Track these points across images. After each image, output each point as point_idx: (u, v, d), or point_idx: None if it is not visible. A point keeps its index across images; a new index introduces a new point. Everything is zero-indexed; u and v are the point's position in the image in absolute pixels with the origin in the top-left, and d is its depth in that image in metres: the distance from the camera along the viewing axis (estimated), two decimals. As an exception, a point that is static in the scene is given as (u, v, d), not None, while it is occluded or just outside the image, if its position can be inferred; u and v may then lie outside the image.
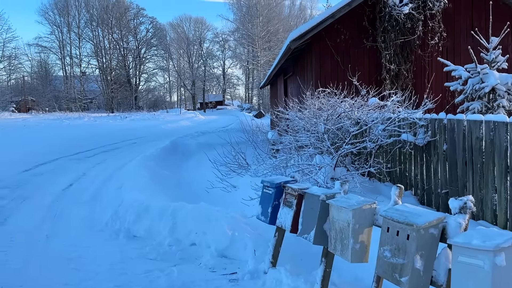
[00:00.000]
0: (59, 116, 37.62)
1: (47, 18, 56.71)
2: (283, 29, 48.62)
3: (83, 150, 13.85)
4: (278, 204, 3.34)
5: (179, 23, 71.92)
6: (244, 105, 59.59)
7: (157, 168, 9.47)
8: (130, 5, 59.55)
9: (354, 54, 10.14)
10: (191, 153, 13.40)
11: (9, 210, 5.73)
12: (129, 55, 60.51)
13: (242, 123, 28.54)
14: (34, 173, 9.07)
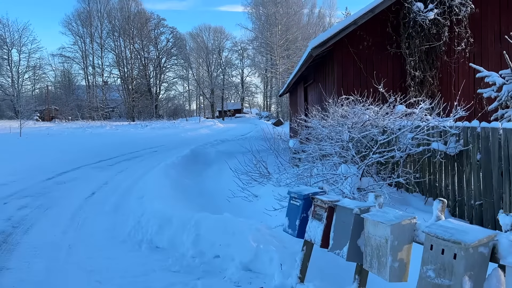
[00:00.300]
0: (82, 125, 38.34)
1: (70, 29, 58.31)
2: (302, 37, 48.56)
3: (105, 159, 13.98)
4: (307, 216, 3.20)
5: (199, 33, 72.89)
6: (263, 113, 59.64)
7: (178, 177, 9.44)
8: (151, 15, 60.70)
9: (377, 60, 9.93)
10: (211, 161, 13.35)
11: (32, 219, 5.75)
12: (150, 65, 61.53)
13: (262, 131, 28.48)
14: (57, 182, 9.15)
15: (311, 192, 3.26)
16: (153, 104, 59.50)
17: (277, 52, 46.11)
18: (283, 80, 46.96)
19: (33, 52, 55.09)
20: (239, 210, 6.95)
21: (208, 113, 77.00)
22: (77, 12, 58.20)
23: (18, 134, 24.58)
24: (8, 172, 10.47)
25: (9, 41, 53.13)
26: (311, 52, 9.44)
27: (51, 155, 14.25)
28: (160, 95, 63.93)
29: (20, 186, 8.54)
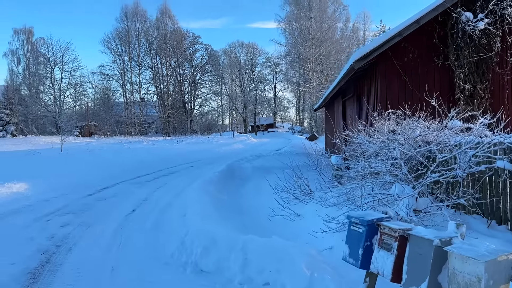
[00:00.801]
0: (120, 140, 39.33)
1: (109, 47, 60.57)
2: (335, 51, 48.18)
3: (143, 174, 14.08)
4: (371, 245, 2.89)
5: (232, 49, 73.95)
6: (296, 128, 59.24)
7: (216, 193, 9.28)
8: (187, 33, 62.17)
9: (423, 73, 9.50)
10: (247, 177, 13.14)
11: (75, 238, 5.70)
12: (185, 81, 62.80)
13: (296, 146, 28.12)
14: (97, 198, 9.20)
15: (376, 217, 2.95)
16: (187, 119, 60.47)
17: (311, 67, 45.85)
18: (317, 94, 46.52)
19: (74, 70, 57.58)
20: (282, 230, 6.66)
21: (240, 128, 77.45)
22: (116, 31, 60.53)
23: (59, 150, 25.42)
24: (50, 188, 10.68)
25: (52, 60, 55.82)
26: (353, 65, 9.14)
27: (91, 170, 14.52)
28: (195, 110, 64.94)
29: (62, 202, 8.63)
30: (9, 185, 9.93)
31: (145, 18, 61.20)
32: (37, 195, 9.66)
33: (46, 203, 8.59)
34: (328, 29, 48.95)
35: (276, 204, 8.00)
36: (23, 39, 58.24)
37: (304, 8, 48.40)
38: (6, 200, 8.74)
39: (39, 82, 56.93)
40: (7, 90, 50.06)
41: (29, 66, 57.58)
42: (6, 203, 8.42)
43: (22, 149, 29.31)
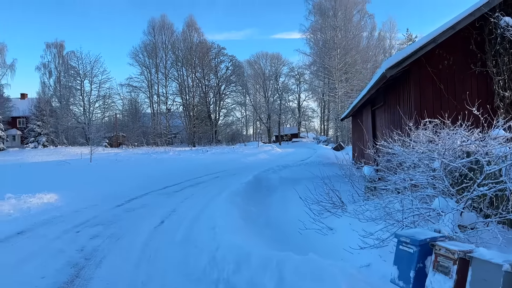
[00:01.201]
0: (147, 151, 39.91)
1: (137, 60, 62.00)
2: (361, 60, 47.62)
3: (170, 184, 14.08)
4: (423, 267, 2.64)
5: (256, 60, 74.48)
6: (321, 138, 58.65)
7: (244, 205, 9.11)
8: (212, 45, 63.00)
9: (459, 80, 9.10)
10: (275, 188, 12.92)
11: (104, 251, 5.62)
12: (210, 92, 63.46)
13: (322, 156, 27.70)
14: (126, 209, 9.19)
15: (429, 237, 2.69)
16: (212, 129, 60.92)
17: (336, 76, 45.44)
18: (342, 103, 45.98)
19: (103, 83, 59.17)
20: (314, 244, 6.40)
21: (264, 138, 77.45)
22: (143, 44, 61.97)
23: (88, 160, 25.95)
24: (80, 198, 10.77)
25: (82, 72, 57.59)
26: (385, 73, 8.86)
27: (120, 181, 14.64)
28: (219, 121, 65.45)
29: (91, 213, 8.66)
30: (40, 195, 10.07)
31: (171, 31, 62.51)
32: (67, 205, 9.74)
33: (76, 214, 8.64)
34: (354, 38, 48.51)
35: (306, 217, 7.75)
36: (54, 53, 60.41)
37: (329, 17, 48.21)
38: (37, 211, 8.84)
39: (70, 94, 58.75)
40: (39, 102, 51.82)
41: (60, 78, 59.55)
42: (37, 214, 8.50)
43: (53, 159, 30.11)
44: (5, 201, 8.98)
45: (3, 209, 8.34)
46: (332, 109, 57.84)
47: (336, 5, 46.94)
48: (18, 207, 8.74)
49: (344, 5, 47.36)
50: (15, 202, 9.03)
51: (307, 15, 54.36)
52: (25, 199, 9.50)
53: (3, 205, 8.56)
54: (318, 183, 13.21)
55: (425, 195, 5.40)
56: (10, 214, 8.20)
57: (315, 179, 14.16)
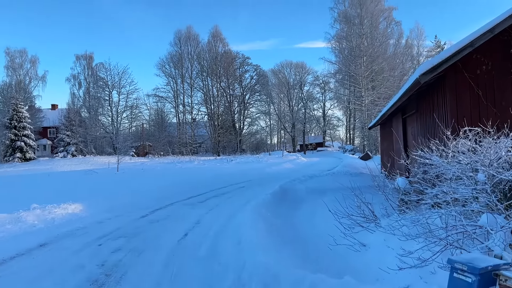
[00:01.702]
0: (172, 160, 40.18)
1: (164, 71, 63.05)
2: (388, 68, 46.67)
3: (195, 195, 13.90)
4: (486, 300, 2.23)
5: (280, 69, 74.46)
6: (347, 147, 57.64)
7: (270, 217, 8.76)
8: (237, 55, 63.41)
9: (499, 86, 8.52)
10: (301, 199, 12.52)
11: (126, 266, 5.40)
12: (235, 101, 63.69)
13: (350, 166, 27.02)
14: (150, 220, 9.01)
15: (491, 264, 2.29)
16: (237, 139, 60.97)
17: (362, 84, 44.66)
18: (369, 112, 45.07)
19: (130, 93, 60.44)
20: (346, 262, 5.99)
21: (289, 147, 76.94)
22: (170, 55, 63.01)
23: (115, 169, 26.24)
24: (105, 209, 10.70)
25: (110, 83, 58.93)
26: (419, 79, 8.39)
27: (145, 191, 14.58)
28: (244, 130, 65.46)
29: (115, 224, 8.51)
30: (64, 206, 10.04)
31: (197, 41, 63.33)
32: (91, 216, 9.66)
33: (99, 225, 8.51)
34: (380, 45, 47.67)
35: (336, 231, 7.34)
36: (84, 64, 62.15)
37: (355, 25, 47.62)
38: (61, 222, 8.78)
39: (98, 104, 60.16)
40: (68, 113, 53.25)
41: (89, 89, 61.13)
42: (61, 225, 8.43)
43: (81, 168, 30.67)
44: (31, 211, 8.97)
45: (28, 220, 8.31)
46: (358, 118, 56.88)
47: (362, 13, 46.34)
48: (43, 218, 8.70)
49: (370, 13, 46.70)
50: (40, 212, 9.00)
51: (332, 23, 53.98)
52: (50, 209, 9.48)
53: (28, 216, 8.54)
54: (346, 194, 12.74)
55: (469, 210, 4.93)
56: (34, 225, 8.15)
57: (343, 190, 13.63)
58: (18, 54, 58.93)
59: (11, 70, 58.20)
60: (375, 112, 43.21)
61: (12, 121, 46.44)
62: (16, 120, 46.54)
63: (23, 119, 47.07)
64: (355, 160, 35.10)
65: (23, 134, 46.76)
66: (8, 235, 7.30)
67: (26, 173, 27.52)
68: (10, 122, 46.49)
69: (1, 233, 7.32)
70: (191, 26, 63.87)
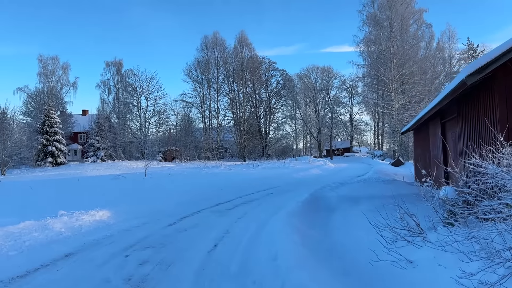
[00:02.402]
0: (199, 165, 40.17)
1: (190, 76, 63.54)
2: (419, 71, 45.29)
3: (222, 201, 13.56)
4: None
5: (306, 74, 73.76)
6: (376, 152, 56.21)
7: (304, 227, 8.27)
8: (263, 60, 63.19)
9: (555, 87, 7.78)
10: (333, 207, 11.94)
11: (153, 281, 5.04)
12: (260, 106, 63.41)
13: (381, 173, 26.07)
14: (178, 229, 8.68)
15: None
16: (262, 144, 60.59)
17: (393, 88, 43.45)
18: (399, 116, 43.77)
19: (158, 99, 61.27)
20: (392, 281, 5.43)
21: (315, 152, 75.90)
22: (196, 61, 63.48)
23: (143, 174, 26.30)
24: (133, 215, 10.48)
25: (139, 89, 59.81)
26: (465, 80, 7.75)
27: (172, 196, 14.35)
28: (270, 135, 65.04)
29: (143, 233, 8.22)
30: (92, 212, 9.86)
31: (223, 47, 63.55)
32: (119, 223, 9.44)
33: (127, 233, 8.25)
34: (411, 48, 46.34)
35: (377, 245, 6.76)
36: (113, 71, 63.40)
37: (384, 28, 46.50)
38: (88, 229, 8.58)
39: (127, 110, 61.17)
40: (98, 118, 54.34)
41: (118, 95, 62.26)
42: (88, 233, 8.22)
43: (109, 173, 30.99)
44: (58, 218, 8.81)
45: (55, 228, 8.14)
46: (388, 122, 55.44)
47: (391, 15, 45.20)
48: (70, 225, 8.52)
49: (400, 15, 45.50)
50: (67, 219, 8.84)
51: (360, 26, 52.95)
52: (77, 216, 9.32)
53: (56, 223, 8.37)
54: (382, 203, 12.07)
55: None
56: (61, 233, 7.96)
57: (378, 198, 13.01)
58: (51, 61, 60.74)
59: (43, 77, 60.01)
60: (406, 117, 41.90)
61: (44, 126, 47.75)
62: (47, 125, 47.82)
63: (54, 124, 48.31)
64: (386, 166, 34.00)
65: (55, 139, 47.96)
66: (35, 244, 7.12)
67: (56, 177, 27.99)
68: (42, 127, 47.82)
69: (28, 241, 7.14)
70: (217, 31, 64.33)
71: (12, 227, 7.59)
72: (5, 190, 16.45)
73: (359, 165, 41.93)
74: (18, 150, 45.46)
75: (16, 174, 37.96)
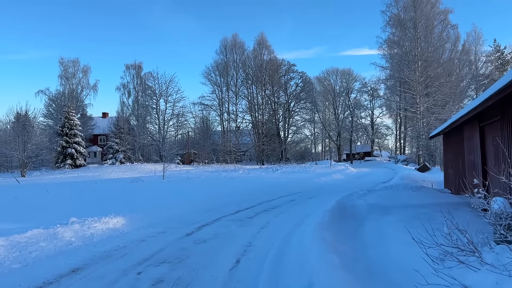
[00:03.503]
0: (217, 168, 39.60)
1: (209, 79, 63.23)
2: (445, 73, 43.71)
3: (242, 208, 12.84)
4: None
5: (326, 76, 72.65)
6: (399, 157, 54.59)
7: (336, 242, 7.45)
8: (282, 62, 62.38)
9: None
10: (363, 217, 11.06)
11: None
12: (279, 109, 62.58)
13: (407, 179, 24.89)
14: (196, 240, 7.98)
15: None
16: (281, 147, 59.69)
17: (417, 90, 42.02)
18: (424, 120, 42.30)
19: (177, 101, 60.99)
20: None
21: (334, 156, 74.50)
22: (215, 64, 63.15)
23: (161, 177, 25.84)
24: (148, 223, 9.86)
25: (158, 92, 59.78)
26: (521, 77, 6.84)
27: (191, 201, 13.70)
28: (288, 138, 64.08)
29: (158, 244, 7.55)
30: (106, 219, 9.26)
31: (242, 49, 63.07)
32: (133, 232, 8.81)
33: (141, 244, 7.59)
34: (436, 50, 44.84)
35: (420, 263, 5.89)
36: (133, 74, 63.69)
37: (408, 29, 45.13)
38: (100, 238, 7.96)
39: (146, 112, 61.27)
40: (118, 121, 54.50)
41: (137, 98, 62.47)
42: (100, 243, 7.60)
43: (127, 176, 30.69)
44: (68, 226, 8.21)
45: (64, 237, 7.54)
46: (412, 126, 53.80)
47: (416, 16, 43.81)
48: (81, 234, 7.91)
49: (425, 16, 44.07)
50: (78, 227, 8.24)
51: (383, 26, 51.66)
52: (89, 224, 8.72)
53: (66, 232, 7.77)
54: (414, 213, 11.12)
55: None
56: (71, 243, 7.36)
57: (410, 208, 12.04)
58: (71, 63, 61.41)
59: (64, 79, 60.69)
60: (432, 120, 40.41)
61: (63, 128, 48.08)
62: (67, 127, 48.14)
63: (74, 126, 48.61)
64: (412, 172, 32.67)
65: (74, 141, 48.24)
66: (41, 255, 6.52)
67: (74, 180, 27.82)
68: (62, 129, 48.16)
69: (34, 253, 6.55)
70: (236, 34, 63.82)
71: (19, 236, 7.02)
72: (22, 192, 16.12)
73: (382, 170, 40.61)
74: (38, 152, 45.85)
75: (36, 176, 38.18)
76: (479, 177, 12.75)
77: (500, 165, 10.62)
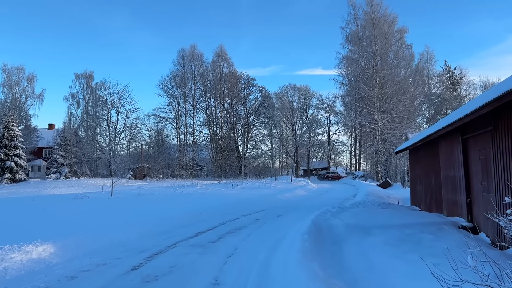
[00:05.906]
0: (172, 183, 37.22)
1: (166, 90, 60.74)
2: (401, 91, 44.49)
3: (203, 230, 11.07)
4: None
5: (284, 93, 72.66)
6: (357, 173, 54.74)
7: (327, 276, 5.94)
8: (242, 75, 61.32)
9: None
10: (341, 240, 9.68)
11: None
12: (238, 123, 61.19)
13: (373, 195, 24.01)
14: (145, 275, 6.14)
15: None
16: (240, 162, 58.07)
17: (376, 106, 42.25)
18: (382, 136, 42.53)
19: (130, 113, 57.90)
20: None
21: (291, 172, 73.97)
22: (172, 75, 60.93)
23: (109, 194, 23.33)
24: (86, 251, 7.85)
25: (109, 102, 56.30)
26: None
27: (141, 222, 11.71)
28: (247, 153, 62.63)
29: (92, 283, 5.64)
30: (29, 247, 7.17)
31: (201, 61, 61.38)
32: (63, 264, 6.82)
33: (70, 284, 5.65)
34: (393, 68, 45.64)
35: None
36: (83, 83, 60.01)
37: (366, 47, 45.68)
38: (16, 275, 5.93)
39: (96, 124, 57.57)
40: (64, 132, 50.57)
41: (87, 109, 58.74)
42: (12, 282, 5.57)
43: (71, 192, 27.73)
44: (-28, 260, 6.11)
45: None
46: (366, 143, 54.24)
47: (374, 33, 44.44)
48: (-13, 271, 5.86)
49: (383, 34, 44.86)
50: (-15, 261, 6.15)
51: (343, 43, 52.16)
52: (4, 254, 6.62)
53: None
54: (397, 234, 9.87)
55: None
56: (-32, 286, 5.31)
57: (390, 228, 10.80)
58: (15, 71, 56.85)
59: (7, 88, 55.95)
60: (390, 136, 40.62)
61: (2, 139, 43.65)
62: (7, 138, 43.76)
63: (14, 137, 44.30)
64: (375, 188, 32.16)
65: (14, 154, 43.89)
66: None
67: (8, 196, 24.56)
68: (0, 140, 43.71)
69: None
70: (195, 44, 62.24)
71: None
72: None
73: (342, 186, 40.06)
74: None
75: (-35, 191, 33.86)
76: (461, 194, 11.86)
77: (490, 181, 9.70)
